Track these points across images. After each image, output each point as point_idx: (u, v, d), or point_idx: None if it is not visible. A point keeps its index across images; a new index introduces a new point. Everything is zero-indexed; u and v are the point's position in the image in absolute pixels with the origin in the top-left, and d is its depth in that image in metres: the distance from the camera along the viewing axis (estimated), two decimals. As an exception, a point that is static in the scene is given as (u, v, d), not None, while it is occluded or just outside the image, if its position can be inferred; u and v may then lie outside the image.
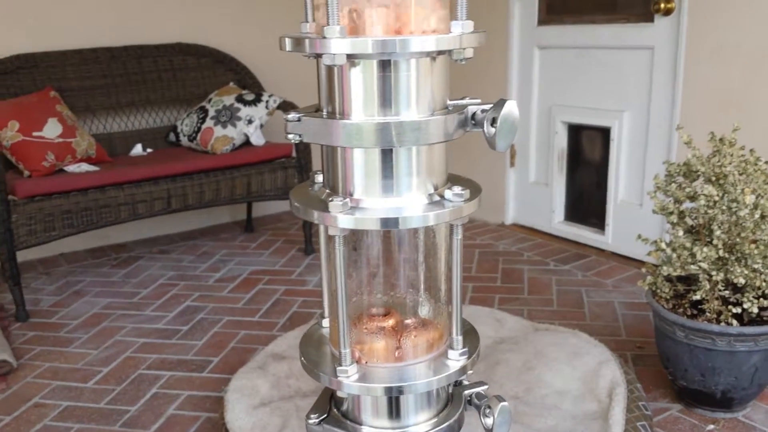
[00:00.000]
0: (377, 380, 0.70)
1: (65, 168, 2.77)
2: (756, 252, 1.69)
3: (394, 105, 0.66)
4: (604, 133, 3.01)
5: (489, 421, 0.73)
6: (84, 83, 3.11)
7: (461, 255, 0.70)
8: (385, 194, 0.68)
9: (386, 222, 0.66)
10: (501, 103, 0.64)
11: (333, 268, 0.68)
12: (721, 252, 1.71)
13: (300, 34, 0.73)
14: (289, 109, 2.75)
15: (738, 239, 1.71)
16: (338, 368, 0.69)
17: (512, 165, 3.41)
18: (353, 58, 0.64)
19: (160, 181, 2.77)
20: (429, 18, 0.68)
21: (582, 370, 1.91)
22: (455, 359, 0.72)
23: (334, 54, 0.63)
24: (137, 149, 3.21)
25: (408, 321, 0.73)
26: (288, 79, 3.59)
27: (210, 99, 3.20)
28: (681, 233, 1.79)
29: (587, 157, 3.16)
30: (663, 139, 2.76)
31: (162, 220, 3.48)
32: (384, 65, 0.64)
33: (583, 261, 2.96)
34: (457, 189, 0.68)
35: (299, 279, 2.87)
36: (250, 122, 3.08)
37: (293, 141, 0.70)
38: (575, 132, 3.17)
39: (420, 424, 0.73)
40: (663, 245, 1.80)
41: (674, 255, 1.77)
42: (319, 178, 0.74)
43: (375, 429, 0.73)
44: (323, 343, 0.77)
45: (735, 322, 1.70)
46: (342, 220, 0.65)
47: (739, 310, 1.71)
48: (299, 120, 0.68)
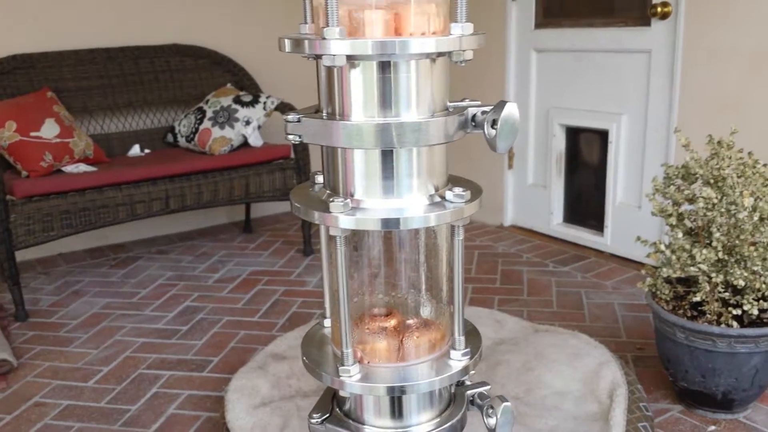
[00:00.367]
0: (379, 380, 0.70)
1: (63, 168, 2.76)
2: (755, 254, 1.69)
3: (394, 106, 0.66)
4: (602, 136, 3.02)
5: (492, 422, 0.73)
6: (81, 84, 3.11)
7: (462, 255, 0.70)
8: (386, 195, 0.68)
9: (387, 222, 0.66)
10: (501, 105, 0.64)
11: (334, 269, 0.68)
12: (721, 254, 1.71)
13: (299, 35, 0.73)
14: (287, 111, 2.76)
15: (737, 241, 1.71)
16: (341, 368, 0.69)
17: (510, 167, 3.41)
18: (353, 60, 0.65)
19: (158, 182, 2.77)
20: (429, 20, 0.68)
21: (582, 371, 1.91)
22: (457, 359, 0.72)
23: (334, 55, 0.63)
24: (135, 150, 3.21)
25: (410, 321, 0.73)
26: (286, 81, 3.59)
27: (207, 100, 3.20)
28: (680, 235, 1.79)
29: (585, 160, 3.17)
30: (661, 142, 2.76)
31: (160, 221, 3.48)
32: (384, 66, 0.64)
33: (583, 262, 2.96)
34: (458, 190, 0.68)
35: (298, 280, 2.86)
36: (248, 123, 3.08)
37: (293, 142, 0.69)
38: (573, 135, 3.17)
39: (422, 424, 0.73)
40: (662, 247, 1.80)
41: (674, 257, 1.77)
42: (320, 179, 0.74)
43: (377, 429, 0.73)
44: (325, 343, 0.77)
45: (735, 324, 1.71)
46: (343, 221, 0.65)
47: (739, 312, 1.71)
48: (299, 121, 0.68)
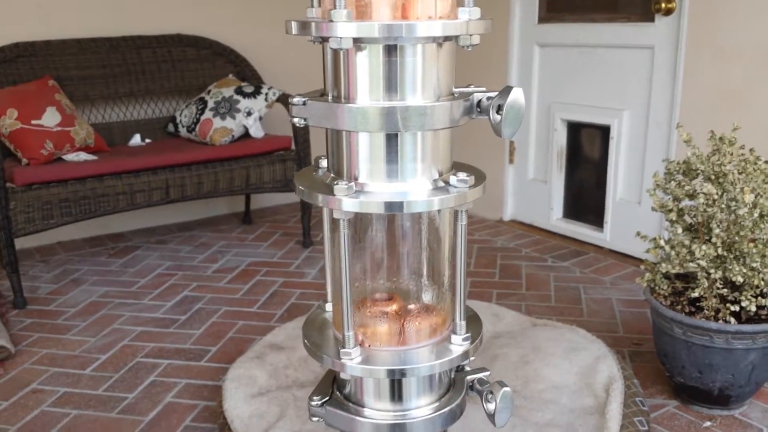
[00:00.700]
0: (380, 363, 0.70)
1: (63, 157, 2.76)
2: (755, 251, 1.69)
3: (400, 90, 0.66)
4: (604, 132, 3.01)
5: (491, 407, 0.73)
6: (83, 73, 3.10)
7: (465, 241, 0.70)
8: (390, 179, 0.68)
9: (390, 206, 0.66)
10: (507, 91, 0.64)
11: (337, 252, 0.68)
12: (720, 250, 1.71)
13: (306, 18, 0.73)
14: (288, 102, 2.73)
15: (737, 238, 1.71)
16: (341, 350, 0.69)
17: (511, 162, 3.41)
18: (359, 43, 0.64)
19: (159, 172, 2.77)
20: (436, 4, 0.68)
21: (579, 365, 1.92)
22: (458, 344, 0.72)
23: (341, 38, 0.63)
24: (136, 139, 3.21)
25: (411, 306, 0.73)
26: (287, 72, 3.59)
27: (209, 90, 3.20)
28: (680, 231, 1.79)
29: (586, 155, 3.17)
30: (662, 138, 2.76)
31: (160, 211, 3.47)
32: (390, 50, 0.64)
33: (581, 258, 2.96)
34: (462, 175, 0.68)
35: (297, 271, 2.87)
36: (249, 114, 3.08)
37: (298, 125, 0.69)
38: (575, 130, 3.17)
39: (422, 408, 0.73)
40: (662, 242, 1.81)
41: (673, 252, 1.78)
42: (324, 163, 0.74)
43: (377, 412, 0.73)
44: (326, 327, 0.78)
45: (733, 320, 1.71)
46: (347, 203, 0.65)
47: (737, 309, 1.71)
48: (304, 104, 0.68)
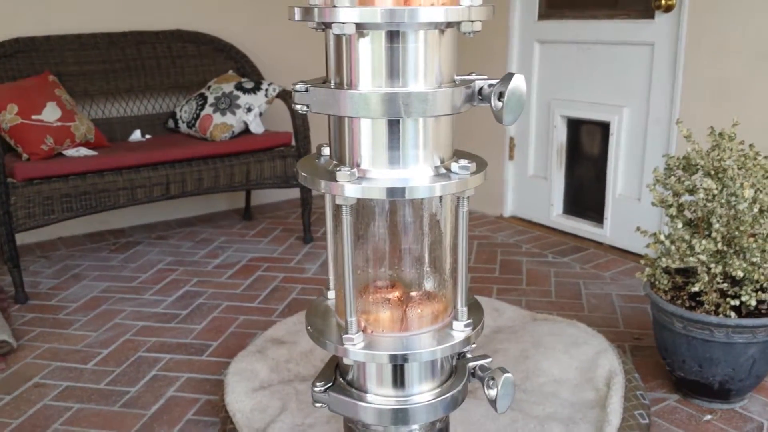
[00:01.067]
0: (382, 348, 0.70)
1: (64, 152, 2.76)
2: (754, 246, 1.70)
3: (402, 76, 0.66)
4: (604, 128, 3.02)
5: (493, 393, 0.73)
6: (83, 68, 3.11)
7: (467, 228, 0.70)
8: (392, 165, 0.68)
9: (392, 192, 0.66)
10: (508, 78, 0.64)
11: (340, 238, 0.68)
12: (720, 245, 1.71)
13: (309, 4, 0.73)
14: (288, 98, 2.73)
15: (737, 233, 1.71)
16: (344, 336, 0.70)
17: (511, 158, 3.42)
18: (362, 29, 0.65)
19: (159, 167, 2.77)
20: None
21: (580, 360, 1.92)
22: (460, 330, 0.72)
23: (343, 23, 0.63)
24: (136, 135, 3.21)
25: (413, 293, 0.74)
26: (287, 68, 3.59)
27: (209, 86, 3.20)
28: (680, 226, 1.80)
29: (586, 151, 3.17)
30: (662, 135, 2.77)
31: (160, 207, 3.48)
32: (392, 36, 0.65)
33: (582, 254, 2.97)
34: (464, 162, 0.68)
35: (298, 267, 2.87)
36: (250, 110, 3.08)
37: (301, 111, 0.70)
38: (574, 126, 3.18)
39: (424, 393, 0.73)
40: (662, 237, 1.81)
41: (673, 247, 1.78)
42: (326, 151, 0.75)
43: (380, 397, 0.73)
44: (329, 315, 0.78)
45: (733, 314, 1.71)
46: (349, 189, 0.66)
47: (737, 303, 1.72)
48: (307, 90, 0.68)
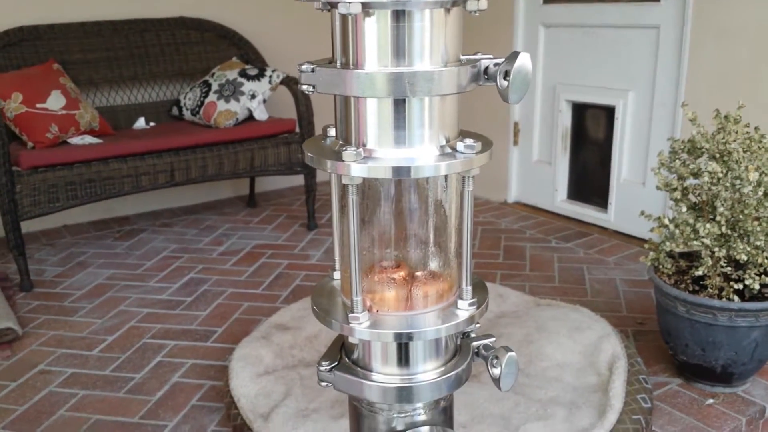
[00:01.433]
0: (387, 327, 0.71)
1: (68, 140, 2.77)
2: (759, 229, 1.69)
3: (408, 55, 0.66)
4: (609, 112, 3.01)
5: (496, 371, 0.74)
6: (87, 56, 3.11)
7: (472, 207, 0.71)
8: (398, 145, 0.69)
9: (398, 171, 0.67)
10: (514, 56, 0.64)
11: (346, 218, 0.69)
12: (724, 229, 1.71)
13: (315, -16, 0.73)
14: (292, 84, 2.72)
15: (741, 216, 1.71)
16: (350, 315, 0.70)
17: (515, 143, 3.41)
18: (368, 8, 0.65)
19: (164, 155, 2.77)
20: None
21: (583, 344, 1.93)
22: (464, 309, 0.73)
23: (349, 2, 0.63)
24: (140, 122, 3.21)
25: (418, 273, 0.74)
26: (291, 55, 3.57)
27: (213, 73, 3.20)
28: (684, 209, 1.79)
29: (591, 136, 3.16)
30: (667, 119, 2.76)
31: (164, 194, 3.49)
32: (398, 15, 0.65)
33: (585, 239, 2.97)
34: (469, 141, 0.68)
35: (302, 253, 2.88)
36: (254, 97, 3.08)
37: (307, 92, 0.70)
38: (579, 111, 3.17)
39: (428, 372, 0.74)
40: (666, 221, 1.81)
41: (677, 231, 1.78)
42: (332, 132, 0.75)
43: (384, 376, 0.74)
44: (335, 294, 0.79)
45: (736, 298, 1.72)
46: (355, 169, 0.66)
47: (741, 287, 1.72)
48: (313, 71, 0.68)
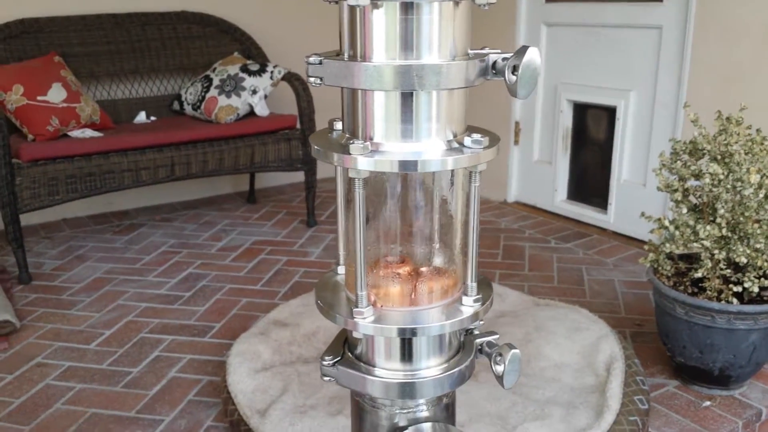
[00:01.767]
0: (392, 322, 0.71)
1: (69, 133, 2.76)
2: (759, 232, 1.69)
3: (416, 48, 0.66)
4: (610, 113, 3.01)
5: (500, 369, 0.74)
6: (88, 49, 3.10)
7: (478, 203, 0.70)
8: (405, 139, 0.68)
9: (405, 165, 0.66)
10: (522, 51, 0.64)
11: (351, 212, 0.68)
12: (725, 231, 1.71)
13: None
14: (294, 80, 2.71)
15: (741, 218, 1.71)
16: (354, 310, 0.70)
17: (516, 143, 3.41)
18: (376, 0, 0.65)
19: (164, 149, 2.77)
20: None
21: (581, 345, 1.93)
22: (469, 305, 0.73)
23: (358, -6, 0.63)
24: (141, 117, 3.21)
25: (423, 269, 0.74)
26: (293, 50, 3.58)
27: (214, 68, 3.19)
28: (685, 211, 1.79)
29: (592, 136, 3.16)
30: (669, 119, 2.76)
31: (164, 189, 3.48)
32: (407, 7, 0.64)
33: (585, 239, 2.97)
34: (476, 136, 0.68)
35: (301, 250, 2.87)
36: (255, 92, 3.07)
37: (314, 84, 0.70)
38: (581, 111, 3.17)
39: (431, 368, 0.74)
40: (666, 222, 1.81)
41: (677, 233, 1.78)
42: (338, 125, 0.75)
43: (387, 371, 0.74)
44: (339, 289, 0.78)
45: (735, 301, 1.71)
46: (362, 162, 0.66)
47: (740, 289, 1.72)
48: (321, 63, 0.68)
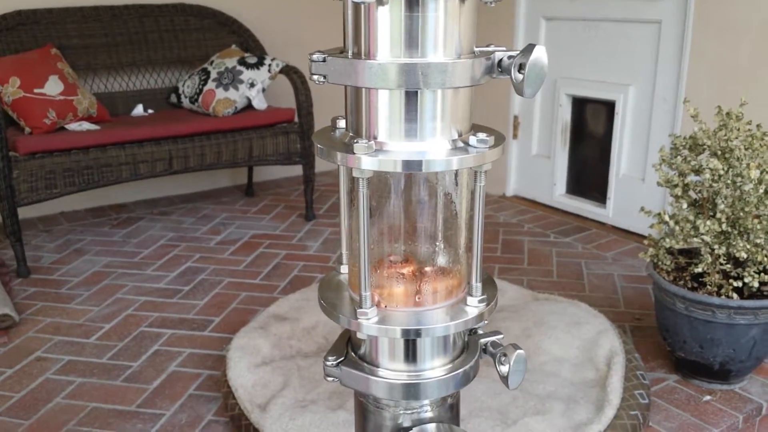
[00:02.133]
0: (396, 323, 0.70)
1: (66, 126, 2.75)
2: (759, 227, 1.69)
3: (421, 46, 0.65)
4: (609, 107, 3.00)
5: (504, 369, 0.73)
6: (85, 41, 3.08)
7: (483, 203, 0.70)
8: (409, 138, 0.68)
9: (409, 164, 0.66)
10: (529, 49, 0.63)
11: (355, 212, 0.68)
12: (724, 226, 1.71)
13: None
14: (292, 73, 2.69)
15: (741, 214, 1.71)
16: (358, 310, 0.70)
17: (515, 137, 3.40)
18: (381, -4, 0.64)
19: (162, 142, 2.76)
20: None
21: (581, 339, 1.93)
22: (474, 306, 0.72)
23: (363, -10, 0.62)
24: (138, 109, 3.19)
25: (427, 269, 0.73)
26: (290, 43, 3.56)
27: (212, 61, 3.17)
28: (685, 206, 1.79)
29: (591, 131, 3.16)
30: (668, 114, 2.75)
31: (162, 182, 3.47)
32: (412, 4, 0.64)
33: (584, 234, 2.97)
34: (482, 135, 0.68)
35: (300, 244, 2.87)
36: (253, 86, 3.06)
37: (317, 82, 0.69)
38: (579, 105, 3.16)
39: (435, 369, 0.73)
40: (666, 217, 1.81)
41: (677, 228, 1.78)
42: (341, 123, 0.74)
43: (391, 372, 0.73)
44: (342, 289, 0.78)
45: (735, 296, 1.72)
46: (366, 162, 0.65)
47: (740, 284, 1.72)
48: (324, 60, 0.67)
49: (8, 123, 2.67)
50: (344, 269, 0.80)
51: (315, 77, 0.68)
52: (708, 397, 1.80)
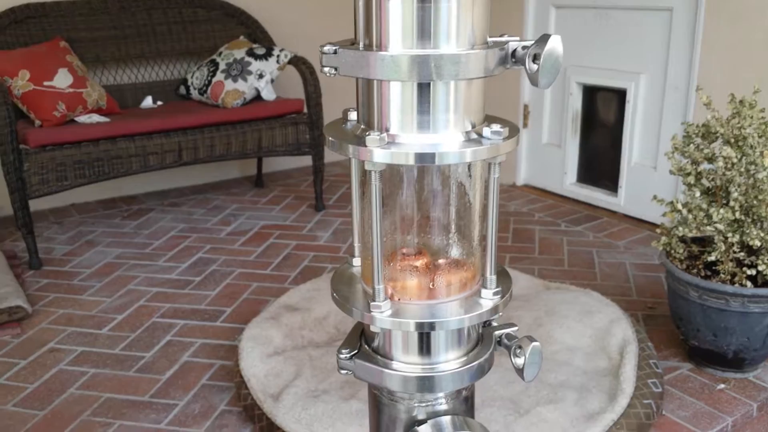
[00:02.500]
0: (409, 316, 0.70)
1: (76, 118, 2.75)
2: (773, 215, 1.68)
3: (434, 38, 0.64)
4: (620, 95, 2.98)
5: (520, 361, 0.73)
6: (94, 34, 3.08)
7: (497, 194, 0.69)
8: (422, 130, 0.67)
9: (422, 157, 0.65)
10: (544, 39, 0.62)
11: (368, 204, 0.67)
12: (738, 214, 1.70)
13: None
14: (300, 64, 2.68)
15: (755, 202, 1.70)
16: (372, 303, 0.69)
17: (525, 126, 3.38)
18: (393, -14, 0.63)
19: (172, 134, 2.76)
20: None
21: (593, 328, 1.92)
22: (488, 298, 0.72)
23: (374, -19, 0.61)
24: (147, 101, 3.19)
25: (441, 261, 0.73)
26: (299, 34, 3.55)
27: (220, 52, 3.17)
28: (698, 194, 1.78)
29: (602, 119, 3.14)
30: (679, 102, 2.73)
31: (172, 174, 3.48)
32: (424, -6, 0.63)
33: (595, 222, 2.95)
34: (496, 127, 0.67)
35: (310, 234, 2.87)
36: (261, 77, 3.05)
37: (329, 74, 0.68)
38: (590, 93, 3.14)
39: (450, 362, 0.73)
40: (679, 206, 1.79)
41: (690, 216, 1.76)
42: (353, 116, 0.73)
43: (405, 365, 0.73)
44: (355, 282, 0.77)
45: (749, 284, 1.70)
46: (378, 155, 0.65)
47: (754, 273, 1.71)
48: (335, 52, 0.67)
49: (18, 116, 2.67)
50: (356, 261, 0.79)
51: (326, 69, 0.67)
52: (722, 386, 1.79)
